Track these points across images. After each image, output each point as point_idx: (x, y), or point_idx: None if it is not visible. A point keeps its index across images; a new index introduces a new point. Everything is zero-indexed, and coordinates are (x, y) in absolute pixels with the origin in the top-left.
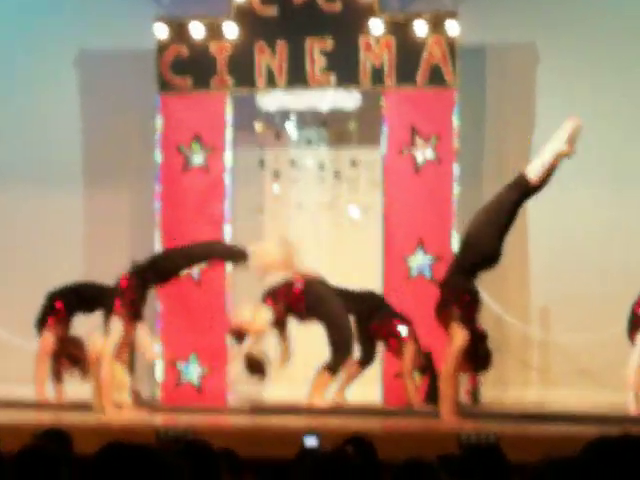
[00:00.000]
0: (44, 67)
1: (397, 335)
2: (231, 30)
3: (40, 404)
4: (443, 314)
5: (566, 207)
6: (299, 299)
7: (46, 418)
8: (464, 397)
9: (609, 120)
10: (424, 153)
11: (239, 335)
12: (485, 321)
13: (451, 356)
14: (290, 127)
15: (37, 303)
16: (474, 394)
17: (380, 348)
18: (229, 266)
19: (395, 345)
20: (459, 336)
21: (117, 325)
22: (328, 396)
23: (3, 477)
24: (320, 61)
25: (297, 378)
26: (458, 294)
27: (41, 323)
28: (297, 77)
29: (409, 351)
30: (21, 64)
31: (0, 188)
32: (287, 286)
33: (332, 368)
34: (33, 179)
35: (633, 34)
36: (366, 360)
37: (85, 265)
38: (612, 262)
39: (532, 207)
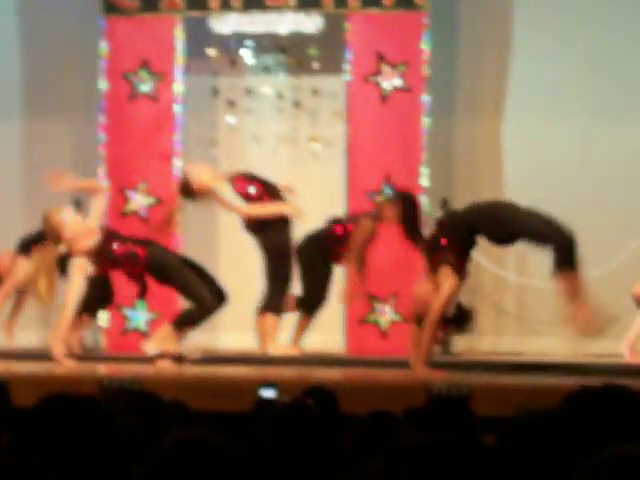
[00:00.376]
0: None
1: None
2: None
3: None
4: (435, 256)
5: (543, 142)
6: None
7: None
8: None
9: (588, 50)
10: (391, 81)
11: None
12: None
13: (440, 301)
14: (246, 53)
15: None
16: (445, 343)
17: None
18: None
19: None
20: (450, 281)
21: None
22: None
23: None
24: None
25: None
26: (456, 243)
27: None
28: None
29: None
30: None
31: None
32: None
33: (274, 307)
34: None
35: None
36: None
37: (24, 200)
38: (588, 200)
39: (509, 143)
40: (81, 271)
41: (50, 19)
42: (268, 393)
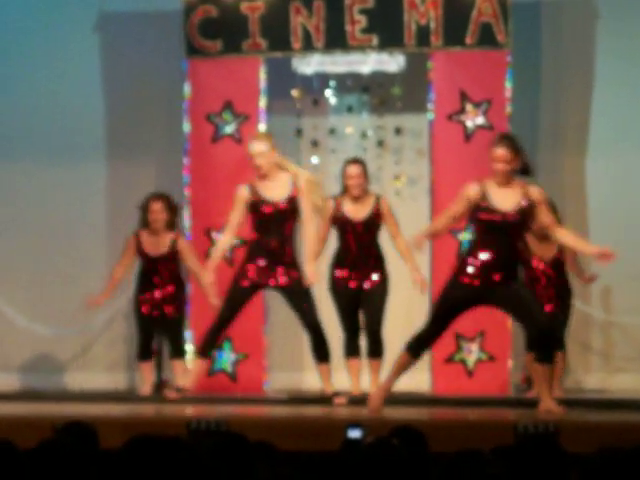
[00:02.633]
0: (63, 32)
1: None
2: None
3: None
4: None
5: (627, 183)
6: None
7: (67, 410)
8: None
9: None
10: (474, 119)
11: None
12: None
13: None
14: (329, 93)
15: (59, 287)
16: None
17: None
18: None
19: None
20: None
21: None
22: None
23: (20, 475)
24: (361, 21)
25: (336, 366)
26: None
27: None
28: (336, 39)
29: None
30: (40, 29)
31: (21, 159)
32: None
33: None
34: (54, 151)
35: None
36: None
37: (108, 243)
38: None
39: (592, 182)
40: None
41: (135, 62)
42: (355, 433)
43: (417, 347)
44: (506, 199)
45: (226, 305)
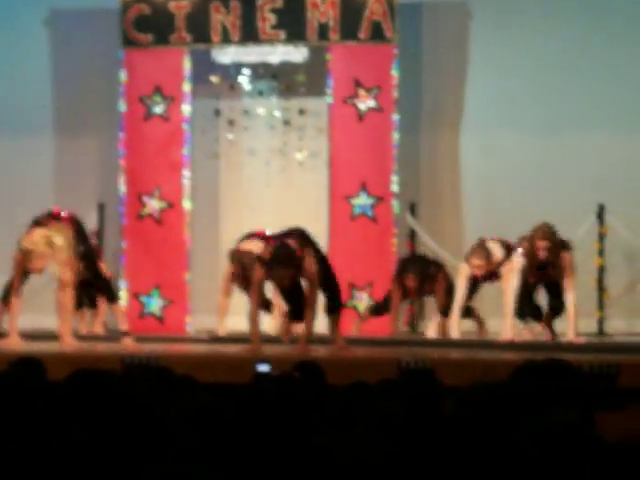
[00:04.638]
0: (18, 25)
1: None
2: None
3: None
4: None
5: (495, 155)
6: None
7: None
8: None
9: (536, 69)
10: (366, 103)
11: None
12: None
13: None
14: (243, 79)
15: (7, 243)
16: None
17: None
18: (187, 204)
19: None
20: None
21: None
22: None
23: None
24: (270, 18)
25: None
26: None
27: None
28: (249, 33)
29: None
30: None
31: None
32: None
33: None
34: (8, 128)
35: None
36: None
37: (54, 203)
38: (532, 204)
39: (465, 155)
40: None
41: (79, 53)
42: (263, 368)
43: None
44: None
45: None
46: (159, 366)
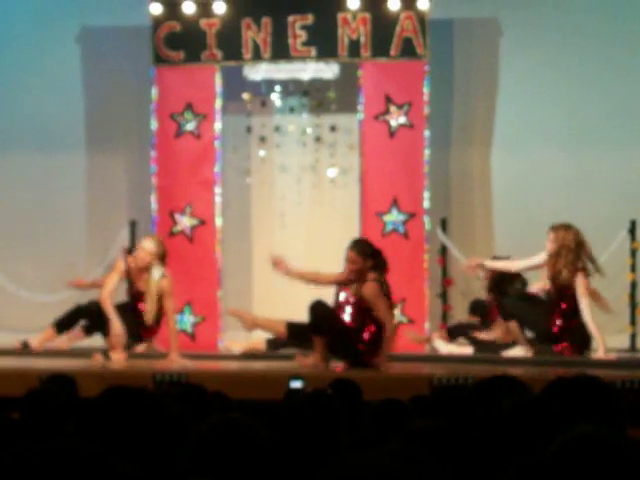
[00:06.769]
0: (50, 42)
1: None
2: (220, 7)
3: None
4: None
5: (526, 171)
6: None
7: (52, 364)
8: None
9: (566, 84)
10: (397, 119)
11: None
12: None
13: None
14: (275, 96)
15: (42, 260)
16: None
17: None
18: (219, 221)
19: None
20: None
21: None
22: None
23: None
24: (302, 35)
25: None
26: None
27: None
28: (281, 50)
29: None
30: (28, 40)
31: (10, 152)
32: None
33: None
34: (40, 144)
35: (587, 3)
36: None
37: (88, 223)
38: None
39: (496, 170)
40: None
41: (110, 70)
42: (296, 384)
43: None
44: None
45: None
46: (190, 383)
